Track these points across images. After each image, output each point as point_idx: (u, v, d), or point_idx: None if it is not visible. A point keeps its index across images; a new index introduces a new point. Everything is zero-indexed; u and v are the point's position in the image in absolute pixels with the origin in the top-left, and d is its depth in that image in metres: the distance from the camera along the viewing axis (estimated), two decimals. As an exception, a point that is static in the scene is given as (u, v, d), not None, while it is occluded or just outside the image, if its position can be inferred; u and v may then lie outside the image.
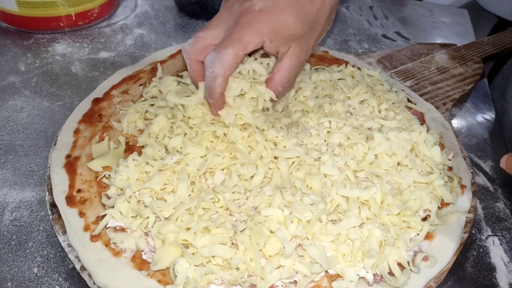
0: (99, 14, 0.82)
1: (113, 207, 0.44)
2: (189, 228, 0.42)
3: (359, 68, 0.67)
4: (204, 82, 0.50)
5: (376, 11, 0.98)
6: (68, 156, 0.51)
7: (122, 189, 0.46)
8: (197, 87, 0.54)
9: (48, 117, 0.62)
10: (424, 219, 0.47)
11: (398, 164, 0.51)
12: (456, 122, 0.68)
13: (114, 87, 0.62)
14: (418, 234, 0.45)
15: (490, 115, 0.70)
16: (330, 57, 0.73)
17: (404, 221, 0.45)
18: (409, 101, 0.64)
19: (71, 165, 0.50)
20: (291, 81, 0.53)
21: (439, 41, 0.89)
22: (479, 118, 0.70)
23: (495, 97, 0.78)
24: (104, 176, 0.48)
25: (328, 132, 0.54)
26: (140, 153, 0.50)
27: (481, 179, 0.59)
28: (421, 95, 0.67)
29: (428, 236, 0.46)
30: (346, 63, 0.71)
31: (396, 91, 0.64)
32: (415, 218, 0.45)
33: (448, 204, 0.49)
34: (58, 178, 0.49)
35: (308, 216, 0.43)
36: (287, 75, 0.51)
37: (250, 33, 0.46)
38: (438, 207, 0.48)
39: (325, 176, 0.49)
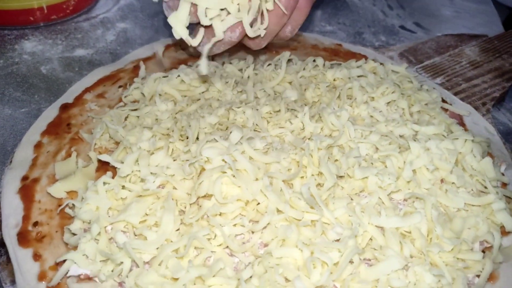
0: (76, 7, 0.71)
1: (77, 247, 0.34)
2: (177, 279, 0.31)
3: (381, 63, 0.56)
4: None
5: (390, 1, 0.87)
6: (24, 178, 0.41)
7: (89, 223, 0.35)
8: None
9: (9, 128, 0.51)
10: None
11: (442, 181, 0.41)
12: (497, 125, 0.57)
13: (87, 90, 0.51)
14: (477, 276, 0.35)
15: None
16: (344, 50, 0.62)
17: (459, 258, 0.35)
18: (443, 101, 0.53)
19: (27, 189, 0.39)
20: None
21: (465, 32, 0.78)
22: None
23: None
24: (67, 205, 0.37)
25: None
26: (115, 174, 0.39)
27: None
28: (455, 94, 0.57)
29: (491, 277, 0.35)
30: (365, 57, 0.60)
31: (427, 89, 0.53)
32: (474, 255, 0.34)
33: (508, 232, 0.39)
34: (10, 208, 0.38)
35: (335, 258, 0.32)
36: None
37: None
38: (499, 238, 0.38)
39: (352, 200, 0.38)
